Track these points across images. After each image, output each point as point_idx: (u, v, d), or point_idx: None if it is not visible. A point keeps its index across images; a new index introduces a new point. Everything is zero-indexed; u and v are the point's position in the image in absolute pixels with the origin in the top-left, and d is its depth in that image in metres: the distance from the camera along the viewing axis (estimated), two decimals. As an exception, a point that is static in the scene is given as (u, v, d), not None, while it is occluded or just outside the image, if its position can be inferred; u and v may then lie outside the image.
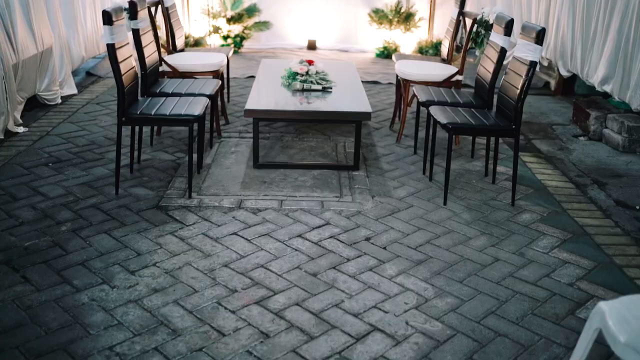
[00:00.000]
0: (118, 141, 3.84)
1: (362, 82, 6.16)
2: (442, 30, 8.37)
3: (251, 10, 8.60)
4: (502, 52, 4.10)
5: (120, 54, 3.72)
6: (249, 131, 5.05)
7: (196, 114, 3.76)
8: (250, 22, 8.63)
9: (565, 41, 5.36)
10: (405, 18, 8.37)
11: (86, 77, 6.98)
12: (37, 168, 4.26)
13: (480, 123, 3.83)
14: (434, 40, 8.29)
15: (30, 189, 3.91)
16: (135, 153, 4.38)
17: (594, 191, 4.13)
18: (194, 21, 8.57)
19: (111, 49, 3.62)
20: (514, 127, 3.78)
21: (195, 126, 3.96)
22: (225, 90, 6.06)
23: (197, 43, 8.33)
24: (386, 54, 8.42)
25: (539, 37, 3.61)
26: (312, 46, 8.84)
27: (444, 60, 5.57)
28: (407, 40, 8.45)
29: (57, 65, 5.87)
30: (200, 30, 8.54)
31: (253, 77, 6.96)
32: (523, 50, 3.75)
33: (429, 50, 8.15)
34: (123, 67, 3.73)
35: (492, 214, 3.75)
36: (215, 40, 8.55)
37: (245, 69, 7.52)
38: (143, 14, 4.32)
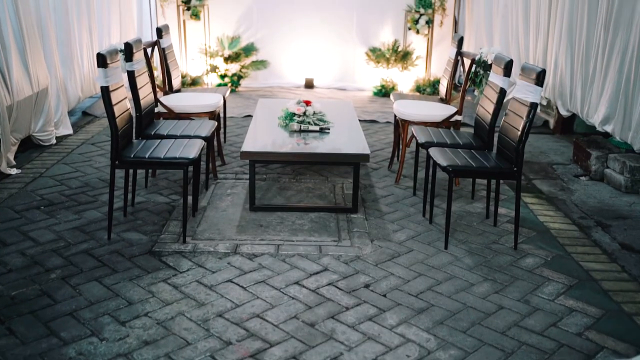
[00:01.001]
0: (111, 185, 3.75)
1: (360, 121, 6.11)
2: (439, 69, 8.41)
3: (248, 50, 8.62)
4: (502, 93, 4.06)
5: (115, 97, 3.66)
6: (246, 172, 4.98)
7: (191, 157, 3.68)
8: (247, 61, 8.65)
9: (564, 80, 5.33)
10: (403, 57, 8.38)
11: (82, 117, 6.94)
12: (29, 211, 4.16)
13: (481, 165, 3.75)
14: (432, 79, 8.29)
15: (21, 233, 3.81)
16: (130, 195, 4.29)
17: (598, 234, 4.04)
18: (191, 60, 8.58)
19: (105, 91, 3.57)
20: (515, 169, 3.70)
21: (191, 169, 3.88)
22: (222, 130, 6.02)
23: (194, 82, 8.32)
24: (384, 92, 8.41)
25: (539, 78, 3.56)
26: (309, 84, 8.84)
27: (442, 100, 5.53)
28: (404, 79, 8.45)
29: (52, 106, 5.82)
30: (197, 69, 8.55)
31: (250, 116, 6.94)
32: (523, 91, 3.71)
33: (427, 89, 8.15)
34: (117, 110, 3.67)
35: (494, 259, 3.65)
36: (212, 79, 8.55)
37: (243, 108, 7.49)
38: (139, 55, 4.28)
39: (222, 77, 8.47)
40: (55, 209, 4.21)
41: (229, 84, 8.44)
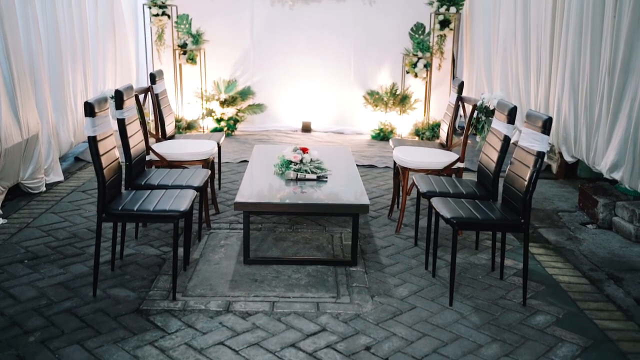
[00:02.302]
0: (97, 240, 3.56)
1: (358, 166, 5.97)
2: (438, 112, 8.32)
3: (245, 93, 8.53)
4: (506, 141, 3.91)
5: (103, 146, 3.50)
6: (240, 222, 4.80)
7: (182, 209, 3.51)
8: (244, 104, 8.55)
9: (568, 126, 5.20)
10: (401, 100, 8.29)
11: (74, 163, 6.79)
12: (11, 265, 3.96)
13: (486, 217, 3.57)
14: (431, 122, 8.18)
15: (1, 290, 3.60)
16: (118, 248, 4.10)
17: (610, 287, 3.84)
18: (187, 104, 8.48)
19: (92, 141, 3.41)
20: (522, 220, 3.53)
21: (182, 221, 3.70)
22: (217, 176, 5.86)
23: (189, 126, 8.20)
24: (382, 136, 8.29)
25: (546, 126, 3.41)
26: (306, 128, 8.73)
27: (442, 145, 5.39)
28: (403, 122, 8.35)
29: (43, 152, 5.66)
30: (193, 113, 8.44)
31: (246, 161, 6.80)
32: (529, 139, 3.55)
33: (426, 132, 8.03)
34: (105, 160, 3.51)
35: (502, 316, 3.44)
36: (208, 123, 8.44)
37: (239, 152, 7.35)
38: (130, 102, 4.14)
39: (218, 121, 8.35)
40: (39, 263, 4.01)
41: (225, 128, 8.32)
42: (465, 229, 3.60)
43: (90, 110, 3.40)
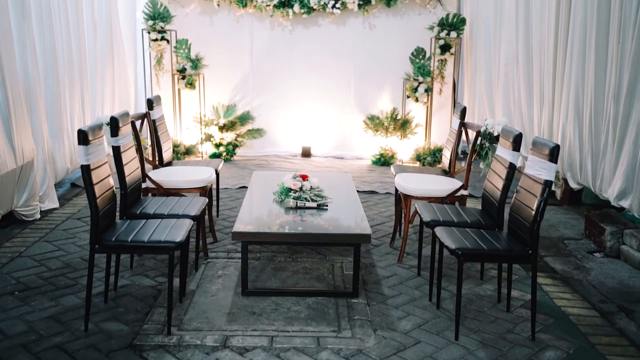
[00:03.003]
0: (89, 272, 3.44)
1: (359, 191, 5.87)
2: (439, 137, 8.24)
3: (244, 118, 8.46)
4: (511, 168, 3.81)
5: (96, 175, 3.39)
6: (239, 250, 4.67)
7: (177, 240, 3.39)
8: (243, 129, 8.48)
9: (573, 152, 5.10)
10: (402, 125, 8.21)
11: (70, 189, 6.67)
12: (2, 298, 3.82)
13: (492, 247, 3.45)
14: (432, 148, 8.09)
15: (-11, 324, 3.47)
16: (112, 278, 3.98)
17: (622, 321, 3.70)
18: (185, 129, 8.40)
19: (86, 170, 3.30)
20: (530, 251, 3.41)
21: (178, 252, 3.58)
22: (215, 203, 5.74)
23: (188, 151, 8.11)
24: (383, 161, 8.20)
25: (553, 154, 3.31)
26: (306, 153, 8.64)
27: (445, 172, 5.29)
28: (404, 147, 8.26)
29: (38, 179, 5.56)
30: (192, 138, 8.36)
31: (245, 187, 6.69)
32: (535, 167, 3.45)
33: (427, 157, 7.94)
34: (98, 189, 3.40)
35: (511, 351, 3.30)
36: (207, 148, 8.35)
37: (238, 178, 7.24)
38: (126, 129, 4.04)
39: (217, 146, 8.27)
40: (30, 295, 3.88)
41: (224, 153, 8.23)
42: (471, 260, 3.48)
43: (83, 138, 3.30)
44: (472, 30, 8.14)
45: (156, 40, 8.08)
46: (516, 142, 3.78)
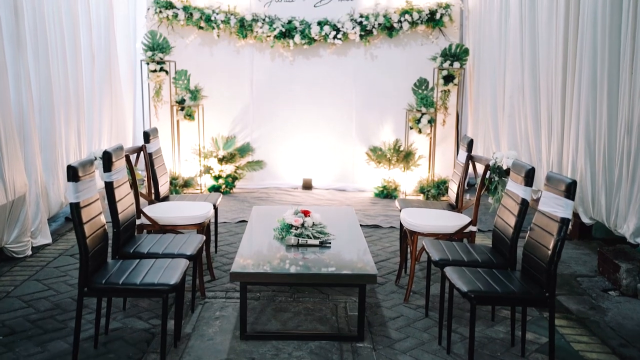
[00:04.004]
0: (78, 318, 3.23)
1: (362, 225, 5.68)
2: (443, 169, 8.07)
3: (244, 150, 8.30)
4: (524, 204, 3.62)
5: (86, 213, 3.21)
6: (238, 289, 4.46)
7: (172, 282, 3.19)
8: (242, 161, 8.32)
9: (585, 186, 4.91)
10: (405, 156, 8.05)
11: (65, 223, 6.47)
12: (-15, 343, 3.61)
13: (506, 290, 3.25)
14: (436, 180, 7.91)
15: (-30, 373, 3.25)
16: (103, 321, 3.76)
17: (645, 367, 3.48)
18: (184, 161, 8.23)
19: (75, 208, 3.13)
20: (547, 294, 3.20)
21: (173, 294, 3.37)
22: (213, 238, 5.54)
23: (186, 184, 7.93)
24: (385, 193, 8.01)
25: (570, 190, 3.13)
26: (307, 185, 8.46)
27: (451, 206, 5.11)
28: (407, 179, 8.08)
29: (30, 214, 5.37)
30: (190, 171, 8.19)
31: (244, 221, 6.50)
32: (551, 204, 3.27)
33: (431, 190, 7.75)
34: (89, 228, 3.21)
35: (529, 403, 3.07)
36: (206, 181, 8.17)
37: (237, 212, 7.05)
38: (119, 164, 3.86)
39: (216, 178, 8.09)
40: (15, 340, 3.66)
41: (223, 186, 8.05)
42: (485, 303, 3.28)
43: (73, 174, 3.12)
44: (476, 61, 8.03)
45: (155, 71, 7.96)
46: (528, 177, 3.60)
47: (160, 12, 8.01)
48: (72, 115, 6.50)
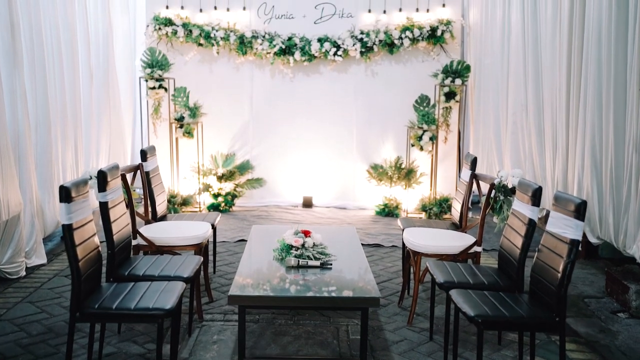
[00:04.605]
0: (69, 343, 3.10)
1: (363, 245, 5.58)
2: (444, 186, 7.98)
3: (243, 168, 8.21)
4: (531, 225, 3.51)
5: (79, 235, 3.10)
6: (236, 312, 4.33)
7: (167, 307, 3.07)
8: (242, 179, 8.22)
9: (592, 205, 4.81)
10: (406, 174, 7.95)
11: (60, 243, 6.35)
12: (-26, 369, 3.48)
13: (514, 314, 3.13)
14: (438, 197, 7.80)
15: (-43, 402, 3.12)
16: (96, 346, 3.63)
17: (659, 395, 3.35)
18: (183, 179, 8.13)
19: (67, 230, 3.01)
20: (557, 319, 3.08)
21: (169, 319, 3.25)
22: (212, 258, 5.42)
23: (185, 202, 7.82)
24: (387, 211, 7.90)
25: (580, 211, 3.03)
26: (308, 203, 8.35)
27: (455, 225, 5.00)
28: (408, 197, 7.97)
29: (24, 234, 5.25)
30: (189, 188, 8.08)
31: (244, 240, 6.39)
32: (559, 225, 3.16)
33: (433, 208, 7.64)
34: (81, 251, 3.10)
35: None
36: (205, 199, 8.07)
37: (236, 230, 6.93)
38: (115, 183, 3.76)
39: (215, 196, 7.99)
40: (6, 366, 3.54)
41: (223, 204, 7.94)
42: (493, 329, 3.15)
43: (66, 195, 3.02)
44: (477, 77, 7.96)
45: (154, 88, 7.89)
46: (535, 197, 3.50)
47: (160, 29, 7.96)
48: (69, 132, 6.41)
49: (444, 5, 8.02)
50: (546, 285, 3.19)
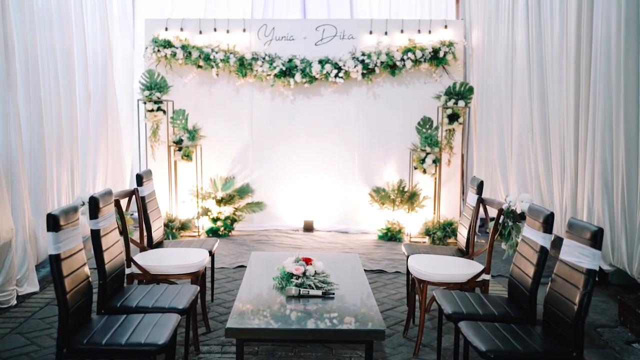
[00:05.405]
0: (55, 381, 2.92)
1: (366, 271, 5.40)
2: (448, 210, 7.82)
3: (243, 191, 8.05)
4: (543, 253, 3.35)
5: (68, 266, 2.94)
6: (235, 343, 4.14)
7: (160, 342, 2.89)
8: (242, 203, 8.06)
9: (603, 231, 4.64)
10: (409, 197, 7.79)
11: (54, 269, 6.16)
12: (-43, 407, 3.29)
13: (528, 349, 2.96)
14: (442, 221, 7.63)
15: None
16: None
17: None
18: (181, 203, 7.97)
19: (55, 260, 2.85)
20: (574, 354, 2.90)
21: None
22: (210, 285, 5.24)
23: (183, 226, 7.65)
24: (390, 235, 7.72)
25: (596, 239, 2.87)
26: (309, 227, 8.18)
27: (460, 251, 4.84)
28: (412, 221, 7.80)
29: (16, 261, 5.08)
30: (188, 212, 7.92)
31: (243, 266, 6.21)
32: (574, 253, 3.00)
33: (437, 232, 7.46)
34: (70, 282, 2.93)
35: None
36: (204, 223, 7.90)
37: (235, 256, 6.75)
38: (108, 210, 3.60)
39: (215, 220, 7.82)
40: (-10, 404, 3.35)
41: (222, 228, 7.77)
42: (506, 365, 2.96)
43: (54, 223, 2.86)
44: (480, 99, 7.84)
45: (152, 110, 7.77)
46: (547, 223, 3.35)
47: (159, 50, 7.86)
48: (64, 156, 6.27)
49: (445, 27, 7.93)
50: (561, 317, 3.01)
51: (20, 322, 4.63)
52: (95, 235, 3.42)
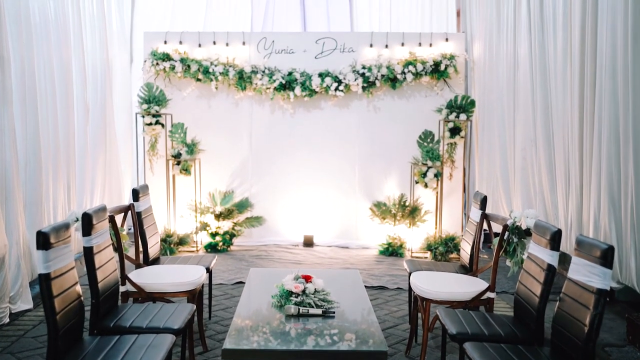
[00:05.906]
0: (43, 406, 2.80)
1: (367, 287, 5.29)
2: (450, 224, 7.72)
3: (242, 206, 7.95)
4: (550, 271, 3.25)
5: (58, 286, 2.83)
6: (232, 364, 4.01)
7: (153, 366, 2.78)
8: (241, 217, 7.95)
9: (614, 248, 4.53)
10: (411, 212, 7.69)
11: (50, 286, 6.04)
12: None
13: (537, 372, 2.84)
14: (444, 236, 7.51)
15: None
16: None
17: None
18: (180, 217, 7.87)
19: (44, 280, 2.75)
20: (585, 377, 2.79)
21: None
22: (207, 302, 5.12)
23: (182, 241, 7.54)
24: (391, 250, 7.61)
25: (607, 257, 2.77)
26: (308, 242, 8.06)
27: (464, 268, 4.72)
28: (413, 236, 7.69)
29: (9, 278, 4.97)
30: (186, 227, 7.81)
31: (242, 283, 6.10)
32: (584, 272, 2.90)
33: (439, 247, 7.35)
34: (60, 303, 2.82)
35: None
36: (202, 238, 7.79)
37: (234, 272, 6.63)
38: (101, 226, 3.50)
39: (213, 235, 7.71)
40: None
41: (220, 243, 7.66)
42: (513, 389, 2.85)
43: (44, 241, 2.75)
44: (482, 112, 7.76)
45: (150, 124, 7.69)
46: (554, 241, 3.24)
47: (158, 64, 7.80)
48: (61, 170, 6.17)
49: (447, 40, 7.87)
50: (571, 339, 2.90)
51: (13, 341, 4.51)
52: (88, 253, 3.32)
